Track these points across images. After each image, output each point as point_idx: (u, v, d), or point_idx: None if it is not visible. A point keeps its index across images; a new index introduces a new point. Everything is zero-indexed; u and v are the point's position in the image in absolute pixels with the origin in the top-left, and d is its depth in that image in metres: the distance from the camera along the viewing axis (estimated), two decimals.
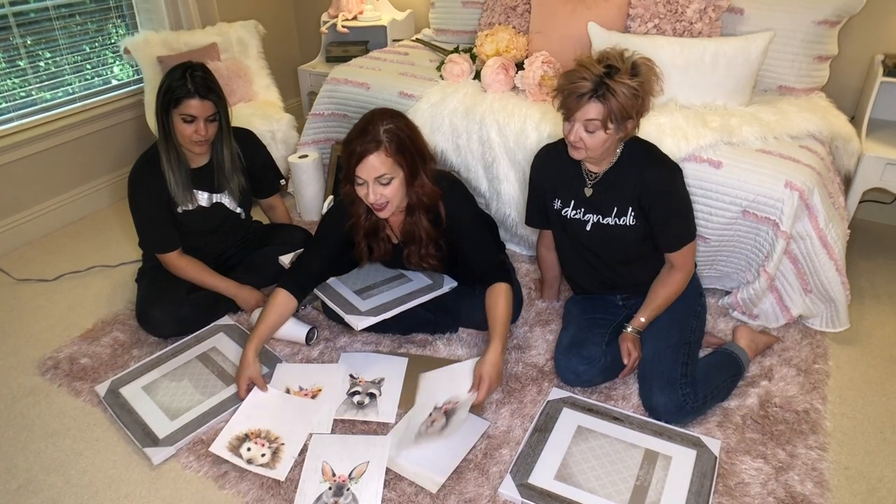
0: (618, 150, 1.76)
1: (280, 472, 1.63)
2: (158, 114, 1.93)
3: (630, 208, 1.78)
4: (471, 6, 3.01)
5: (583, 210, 1.85)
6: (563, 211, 1.88)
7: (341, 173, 1.79)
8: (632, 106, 1.61)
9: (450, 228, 1.88)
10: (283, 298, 1.90)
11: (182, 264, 2.10)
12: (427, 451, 1.67)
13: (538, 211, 2.00)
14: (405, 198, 1.81)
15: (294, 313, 2.16)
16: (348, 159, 1.70)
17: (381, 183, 1.70)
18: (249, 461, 1.65)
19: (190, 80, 1.88)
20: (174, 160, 1.99)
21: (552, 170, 1.89)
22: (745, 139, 2.09)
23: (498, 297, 1.85)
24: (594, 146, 1.67)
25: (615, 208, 1.80)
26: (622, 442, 1.69)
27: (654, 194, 1.73)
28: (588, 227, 1.85)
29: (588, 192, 1.82)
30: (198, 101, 1.89)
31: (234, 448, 1.68)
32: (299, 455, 1.68)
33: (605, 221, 1.82)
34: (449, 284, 2.04)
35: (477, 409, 1.78)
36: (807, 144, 2.12)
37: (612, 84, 1.58)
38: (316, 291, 2.03)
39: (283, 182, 2.37)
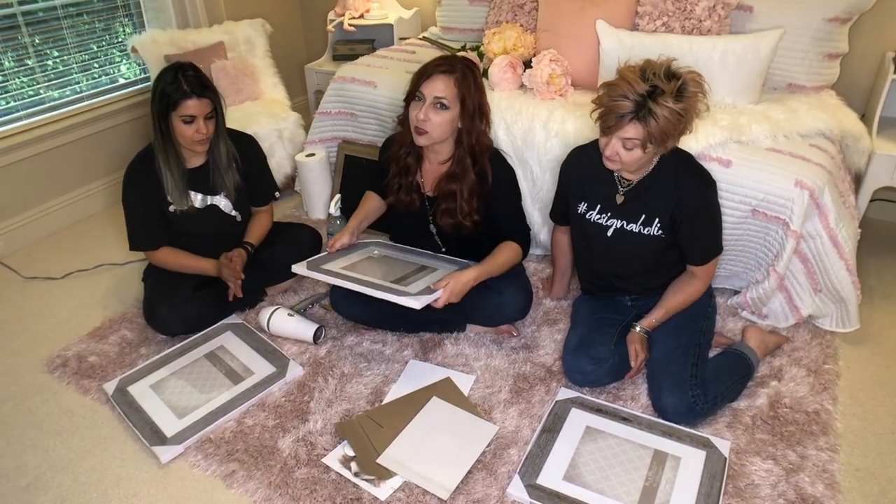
0: (654, 160, 1.73)
1: None
2: (155, 118, 1.93)
3: (658, 219, 1.76)
4: (478, 4, 3.00)
5: (608, 214, 1.83)
6: (588, 214, 1.86)
7: (389, 143, 1.91)
8: (673, 129, 1.57)
9: (492, 191, 1.92)
10: (372, 195, 2.12)
11: (161, 256, 2.10)
12: (436, 454, 1.66)
13: (563, 209, 1.99)
14: (451, 137, 1.88)
15: (301, 312, 2.15)
16: (419, 77, 1.82)
17: (435, 106, 1.80)
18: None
19: (184, 80, 1.89)
20: (172, 161, 1.99)
21: (583, 173, 1.87)
22: (755, 137, 2.08)
23: (507, 248, 1.95)
24: (630, 162, 1.64)
25: (643, 216, 1.78)
26: (631, 442, 1.68)
27: (688, 207, 1.71)
28: (609, 233, 1.83)
29: (620, 199, 1.80)
30: (195, 101, 1.90)
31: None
32: None
33: (628, 228, 1.80)
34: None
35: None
36: (817, 143, 2.11)
37: (655, 107, 1.52)
38: (362, 289, 1.81)
39: (276, 195, 2.32)
